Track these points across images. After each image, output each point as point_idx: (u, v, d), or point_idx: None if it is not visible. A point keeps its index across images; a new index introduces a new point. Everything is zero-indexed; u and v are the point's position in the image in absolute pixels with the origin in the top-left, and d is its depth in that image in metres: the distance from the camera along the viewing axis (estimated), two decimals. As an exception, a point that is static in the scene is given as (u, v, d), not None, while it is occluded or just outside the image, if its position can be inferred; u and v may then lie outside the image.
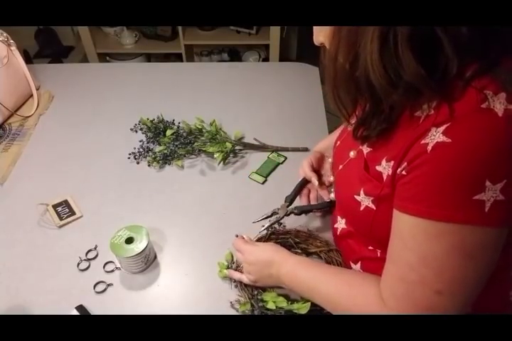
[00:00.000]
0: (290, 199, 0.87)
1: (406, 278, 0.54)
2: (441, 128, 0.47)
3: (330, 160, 0.90)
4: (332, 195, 0.86)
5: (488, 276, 0.54)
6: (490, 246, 0.51)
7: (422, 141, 0.49)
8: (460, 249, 0.50)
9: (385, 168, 0.57)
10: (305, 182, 0.91)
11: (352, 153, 0.69)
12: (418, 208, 0.51)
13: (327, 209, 0.88)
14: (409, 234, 0.53)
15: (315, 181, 0.87)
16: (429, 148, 0.48)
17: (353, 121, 0.63)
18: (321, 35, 0.58)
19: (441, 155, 0.47)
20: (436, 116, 0.49)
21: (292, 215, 0.85)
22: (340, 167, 0.73)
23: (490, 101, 0.46)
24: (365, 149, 0.65)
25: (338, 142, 0.79)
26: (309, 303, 0.71)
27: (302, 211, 0.84)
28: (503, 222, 0.49)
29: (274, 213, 0.85)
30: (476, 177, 0.46)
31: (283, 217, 0.84)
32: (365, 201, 0.62)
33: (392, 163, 0.55)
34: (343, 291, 0.65)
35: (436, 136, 0.48)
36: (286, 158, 1.08)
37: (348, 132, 0.75)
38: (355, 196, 0.64)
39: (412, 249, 0.53)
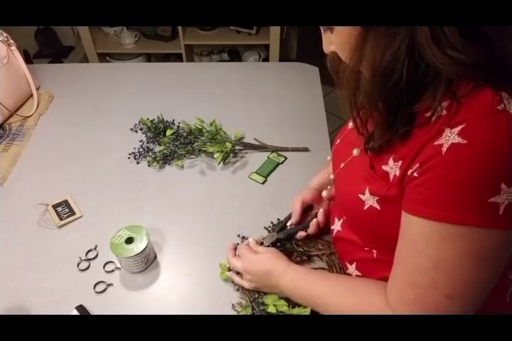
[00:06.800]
0: (278, 229, 0.85)
1: (416, 282, 0.54)
2: (456, 130, 0.46)
3: (325, 193, 0.87)
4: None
5: (498, 278, 0.53)
6: (502, 248, 0.51)
7: (436, 142, 0.48)
8: (473, 252, 0.50)
9: (392, 167, 0.57)
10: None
11: (355, 151, 0.68)
12: (431, 211, 0.50)
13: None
14: (421, 238, 0.52)
15: (291, 221, 0.85)
16: (444, 149, 0.47)
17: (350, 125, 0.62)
18: (332, 46, 0.58)
19: (457, 156, 0.47)
20: (449, 116, 0.48)
21: None
22: (342, 165, 0.72)
23: (505, 103, 0.46)
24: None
25: (338, 140, 0.79)
26: (310, 308, 0.71)
27: (287, 234, 0.83)
28: None
29: (260, 243, 0.83)
30: (492, 179, 0.46)
31: (269, 246, 0.82)
32: (369, 200, 0.61)
33: (401, 162, 0.55)
34: (347, 300, 0.64)
35: (451, 138, 0.47)
36: (286, 158, 1.08)
37: (349, 130, 0.75)
38: (360, 195, 0.63)
39: (424, 252, 0.52)
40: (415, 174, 0.51)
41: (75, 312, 0.77)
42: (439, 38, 0.45)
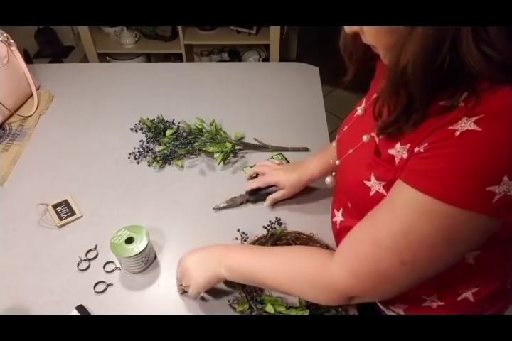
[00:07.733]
0: (250, 192, 0.97)
1: (379, 241, 0.55)
2: (474, 118, 0.47)
3: (333, 143, 0.88)
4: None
5: (458, 261, 0.55)
6: (477, 234, 0.52)
7: (450, 127, 0.49)
8: (447, 233, 0.51)
9: (399, 151, 0.57)
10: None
11: (365, 137, 0.68)
12: (427, 184, 0.50)
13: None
14: (404, 205, 0.53)
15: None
16: (457, 133, 0.48)
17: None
18: (354, 26, 0.56)
19: (469, 141, 0.47)
20: (467, 108, 0.49)
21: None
22: (350, 151, 0.72)
23: None
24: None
25: (346, 127, 0.78)
26: (308, 310, 0.71)
27: (256, 199, 0.97)
28: (502, 214, 0.49)
29: (233, 201, 0.97)
30: (497, 170, 0.47)
31: (241, 203, 0.97)
32: (375, 186, 0.62)
33: (409, 145, 0.55)
34: (290, 253, 0.70)
35: (467, 124, 0.48)
36: (287, 161, 1.08)
37: (358, 117, 0.75)
38: (365, 181, 0.63)
39: (401, 219, 0.53)
40: (421, 150, 0.52)
41: (75, 312, 0.77)
42: (480, 33, 0.45)
